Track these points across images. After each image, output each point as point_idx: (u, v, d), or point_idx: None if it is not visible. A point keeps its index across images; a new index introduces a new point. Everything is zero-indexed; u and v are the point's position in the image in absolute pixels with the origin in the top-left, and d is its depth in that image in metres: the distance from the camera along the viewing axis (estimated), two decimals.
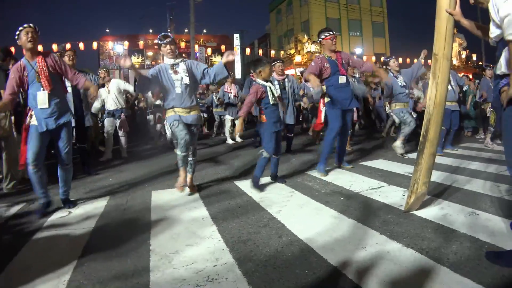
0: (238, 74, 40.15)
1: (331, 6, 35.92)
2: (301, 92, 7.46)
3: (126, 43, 27.96)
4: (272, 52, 30.82)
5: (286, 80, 6.57)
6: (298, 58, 24.26)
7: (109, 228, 3.16)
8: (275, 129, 4.29)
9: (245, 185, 4.49)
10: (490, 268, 2.11)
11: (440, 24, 2.79)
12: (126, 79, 35.06)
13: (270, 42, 42.50)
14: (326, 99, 5.02)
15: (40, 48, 21.67)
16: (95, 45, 24.72)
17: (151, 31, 36.63)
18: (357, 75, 7.82)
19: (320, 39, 5.05)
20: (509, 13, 1.91)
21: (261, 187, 4.28)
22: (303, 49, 24.97)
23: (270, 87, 4.24)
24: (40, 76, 3.54)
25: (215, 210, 3.55)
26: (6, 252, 2.66)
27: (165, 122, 4.27)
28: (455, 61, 34.72)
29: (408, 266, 2.19)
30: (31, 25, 3.60)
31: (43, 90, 3.55)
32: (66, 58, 5.39)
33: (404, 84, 6.21)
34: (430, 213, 3.15)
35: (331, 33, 4.96)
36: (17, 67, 3.54)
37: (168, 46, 3.99)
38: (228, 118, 9.65)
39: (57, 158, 3.80)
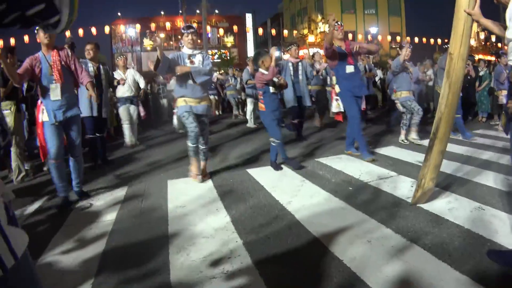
0: (251, 55, 39.96)
1: None
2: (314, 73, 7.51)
3: (138, 26, 27.92)
4: (285, 32, 30.51)
5: (299, 63, 6.73)
6: (311, 38, 24.14)
7: (129, 220, 3.34)
8: (274, 117, 4.57)
9: (257, 173, 4.64)
10: (491, 267, 2.21)
11: (458, 24, 2.79)
12: (139, 61, 35.29)
13: (283, 21, 41.93)
14: (337, 89, 5.28)
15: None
16: (107, 29, 24.83)
17: (162, 13, 36.51)
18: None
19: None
20: None
21: (278, 168, 4.74)
22: (317, 29, 24.77)
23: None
24: (53, 69, 3.71)
25: (228, 200, 3.71)
26: (33, 247, 2.82)
27: (174, 111, 4.36)
28: (473, 42, 33.86)
29: (411, 262, 2.31)
30: None
31: (55, 82, 3.72)
32: (86, 53, 5.52)
33: (411, 72, 6.27)
34: (436, 206, 3.24)
35: (337, 23, 5.16)
36: (32, 57, 3.71)
37: (190, 36, 4.19)
38: (250, 101, 9.57)
39: (69, 150, 3.98)
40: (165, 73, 4.22)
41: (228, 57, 34.26)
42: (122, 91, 6.98)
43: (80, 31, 23.74)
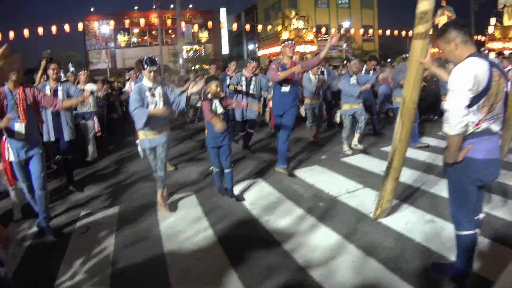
0: (225, 51, 40.08)
1: None
2: (270, 84, 7.56)
3: (112, 23, 27.67)
4: (259, 27, 30.77)
5: (253, 78, 7.16)
6: (285, 35, 24.45)
7: (127, 243, 3.70)
8: (215, 144, 4.66)
9: (236, 189, 4.98)
10: (436, 279, 2.75)
11: (411, 71, 3.26)
12: (113, 58, 34.95)
13: (257, 15, 42.08)
14: (271, 104, 5.81)
15: (26, 32, 21.48)
16: (80, 26, 24.55)
17: (136, 8, 36.15)
18: (324, 68, 8.22)
19: (281, 46, 5.66)
20: (448, 110, 2.35)
21: (243, 192, 4.90)
22: (291, 25, 25.13)
23: (215, 103, 4.57)
24: (18, 108, 3.73)
25: (213, 218, 4.16)
26: (46, 275, 3.16)
27: (137, 141, 4.56)
28: None
29: (367, 275, 2.85)
30: None
31: (20, 122, 3.73)
32: (50, 72, 5.37)
33: (356, 83, 6.57)
34: (394, 221, 3.78)
35: (290, 42, 5.55)
36: None
37: (152, 73, 4.17)
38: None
39: (34, 184, 3.93)
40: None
41: (203, 53, 34.33)
42: (79, 106, 6.79)
43: (53, 28, 23.47)
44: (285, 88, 5.55)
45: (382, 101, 9.60)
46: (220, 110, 4.59)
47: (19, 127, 3.76)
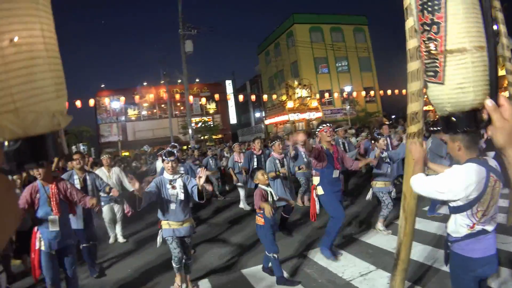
0: (233, 120, 41.47)
1: (317, 47, 37.29)
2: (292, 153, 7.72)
3: (123, 98, 29.09)
4: (265, 97, 31.96)
5: (284, 159, 7.12)
6: (290, 104, 25.40)
7: None
8: (273, 230, 4.72)
9: (251, 274, 5.05)
10: None
11: (409, 168, 3.47)
12: (124, 131, 36.12)
13: (261, 83, 43.85)
14: (320, 191, 5.42)
15: None
16: (92, 102, 25.81)
17: (145, 83, 38.02)
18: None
19: (317, 131, 5.60)
20: (419, 186, 2.62)
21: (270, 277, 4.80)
22: (294, 94, 26.12)
23: (271, 192, 4.72)
24: (52, 202, 3.96)
25: None
26: None
27: (159, 232, 4.54)
28: None
29: None
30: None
31: (54, 215, 3.97)
32: (74, 163, 5.69)
33: (388, 161, 6.46)
34: None
35: (326, 125, 5.45)
36: (30, 188, 3.97)
37: (170, 164, 4.34)
38: (240, 186, 9.63)
39: (65, 281, 4.21)
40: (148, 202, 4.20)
41: (212, 124, 35.40)
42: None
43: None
44: (336, 174, 5.43)
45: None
46: (277, 197, 4.78)
47: (53, 219, 3.98)
